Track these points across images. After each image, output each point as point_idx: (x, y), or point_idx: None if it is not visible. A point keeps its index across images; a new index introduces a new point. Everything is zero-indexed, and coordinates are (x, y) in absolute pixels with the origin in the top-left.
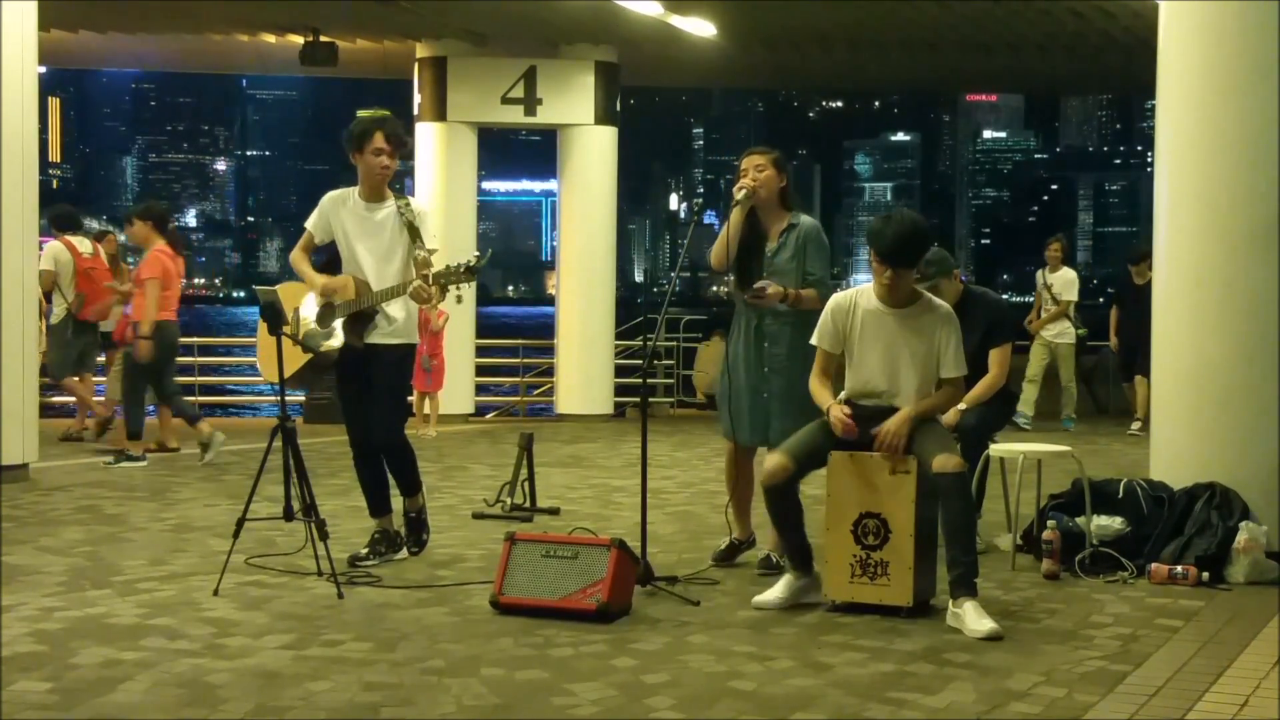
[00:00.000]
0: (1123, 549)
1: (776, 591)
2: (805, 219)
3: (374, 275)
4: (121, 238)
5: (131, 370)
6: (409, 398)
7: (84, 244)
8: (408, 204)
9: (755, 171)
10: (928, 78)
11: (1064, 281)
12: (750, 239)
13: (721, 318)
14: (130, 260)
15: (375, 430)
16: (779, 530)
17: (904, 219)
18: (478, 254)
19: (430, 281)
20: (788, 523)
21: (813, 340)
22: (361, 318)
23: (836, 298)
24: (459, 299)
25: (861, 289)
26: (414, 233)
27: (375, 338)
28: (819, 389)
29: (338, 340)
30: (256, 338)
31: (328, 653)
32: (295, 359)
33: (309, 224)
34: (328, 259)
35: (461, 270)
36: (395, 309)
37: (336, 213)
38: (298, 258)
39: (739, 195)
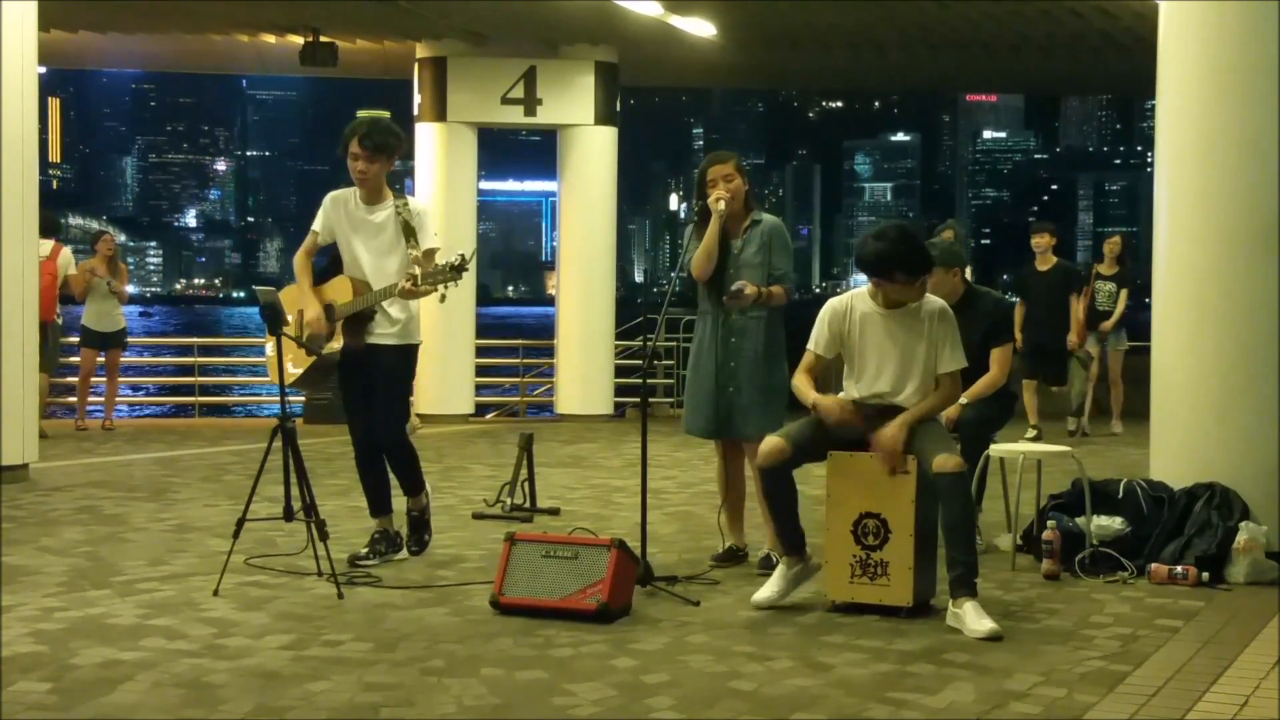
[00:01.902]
0: (1123, 549)
1: (772, 586)
2: (768, 217)
3: (372, 275)
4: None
5: None
6: (410, 397)
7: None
8: (406, 204)
9: (725, 182)
10: (928, 78)
11: None
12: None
13: None
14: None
15: (376, 430)
16: (773, 515)
17: (896, 234)
18: (462, 254)
19: (419, 282)
20: (782, 507)
21: (809, 346)
22: (360, 319)
23: (832, 303)
24: (442, 298)
25: (856, 293)
26: (409, 233)
27: (376, 338)
28: (803, 386)
29: (338, 342)
30: (266, 340)
31: (328, 653)
32: (301, 361)
33: (315, 225)
34: (330, 260)
35: (447, 269)
36: (396, 309)
37: (337, 213)
38: (300, 264)
39: (719, 208)
